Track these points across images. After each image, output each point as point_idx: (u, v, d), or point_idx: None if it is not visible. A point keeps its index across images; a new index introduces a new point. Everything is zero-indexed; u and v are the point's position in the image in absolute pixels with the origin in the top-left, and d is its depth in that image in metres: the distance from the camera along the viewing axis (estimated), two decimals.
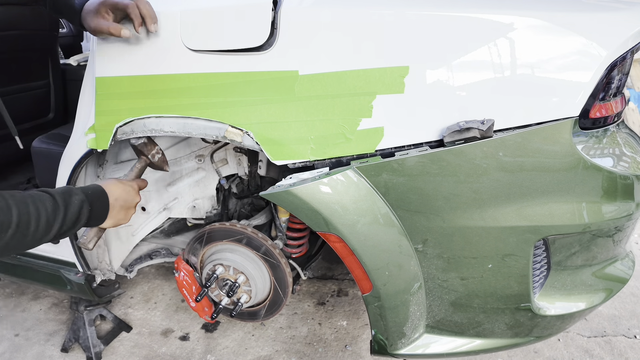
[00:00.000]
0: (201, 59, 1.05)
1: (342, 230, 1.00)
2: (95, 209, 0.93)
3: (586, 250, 1.10)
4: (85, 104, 1.19)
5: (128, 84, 1.11)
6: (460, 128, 0.93)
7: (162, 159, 1.23)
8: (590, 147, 1.00)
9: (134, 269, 1.65)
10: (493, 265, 1.03)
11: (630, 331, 1.81)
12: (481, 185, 0.97)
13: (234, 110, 1.05)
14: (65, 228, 0.84)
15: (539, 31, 0.93)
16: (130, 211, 1.05)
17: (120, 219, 1.02)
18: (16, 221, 0.73)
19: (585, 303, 1.15)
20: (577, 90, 0.93)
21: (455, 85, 0.95)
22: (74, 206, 0.86)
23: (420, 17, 0.95)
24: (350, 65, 0.97)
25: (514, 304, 1.08)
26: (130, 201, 1.04)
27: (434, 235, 1.03)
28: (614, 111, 1.03)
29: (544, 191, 0.97)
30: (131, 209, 1.05)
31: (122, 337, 1.84)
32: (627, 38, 0.94)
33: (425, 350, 1.15)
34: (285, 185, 1.00)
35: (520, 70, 0.93)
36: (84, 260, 1.48)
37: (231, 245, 1.39)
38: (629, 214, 1.05)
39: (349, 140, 1.01)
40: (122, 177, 1.20)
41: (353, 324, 1.88)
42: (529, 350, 1.70)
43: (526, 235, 1.00)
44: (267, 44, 1.01)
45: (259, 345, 1.78)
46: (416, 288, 1.09)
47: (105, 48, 1.12)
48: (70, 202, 0.86)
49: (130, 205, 1.04)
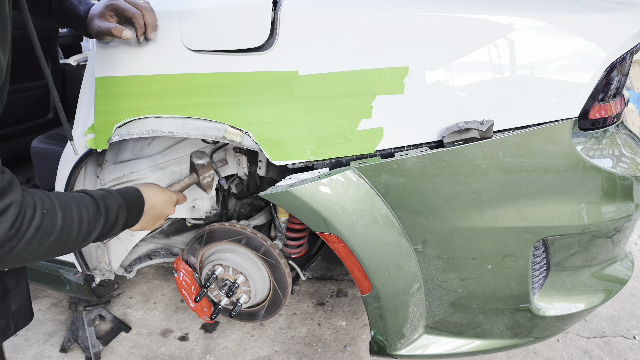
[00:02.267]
0: (201, 59, 1.05)
1: (342, 231, 1.00)
2: (131, 215, 0.88)
3: (585, 251, 1.10)
4: (85, 103, 1.19)
5: (127, 84, 1.11)
6: (459, 129, 0.93)
7: (209, 184, 1.25)
8: (589, 148, 1.00)
9: (133, 269, 1.64)
10: (492, 266, 1.03)
11: (629, 332, 1.81)
12: (480, 185, 0.97)
13: (234, 111, 1.05)
14: (102, 233, 0.80)
15: (539, 32, 0.93)
16: (160, 221, 1.00)
17: (147, 227, 0.97)
18: (60, 225, 0.68)
19: (584, 304, 1.15)
20: (577, 91, 0.94)
21: (455, 86, 0.95)
22: (113, 211, 0.81)
23: (420, 17, 0.95)
24: (350, 66, 0.97)
25: (513, 304, 1.08)
26: (164, 212, 0.99)
27: (434, 235, 1.03)
28: (613, 112, 1.03)
29: (543, 192, 0.97)
30: (161, 219, 1.00)
31: (121, 337, 1.84)
32: (627, 39, 0.94)
33: (424, 351, 1.15)
34: (284, 186, 1.00)
35: (519, 71, 0.93)
36: (83, 260, 1.48)
37: (230, 245, 1.39)
38: (628, 214, 1.05)
39: (348, 140, 1.01)
40: (167, 186, 1.17)
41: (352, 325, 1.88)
42: (528, 351, 1.70)
43: (525, 236, 1.00)
44: (266, 44, 1.01)
45: (258, 345, 1.77)
46: (415, 289, 1.09)
47: (105, 48, 1.11)
48: (110, 207, 0.81)
49: (162, 216, 0.99)
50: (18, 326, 1.01)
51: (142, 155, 1.39)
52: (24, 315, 1.02)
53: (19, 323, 1.01)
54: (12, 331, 0.99)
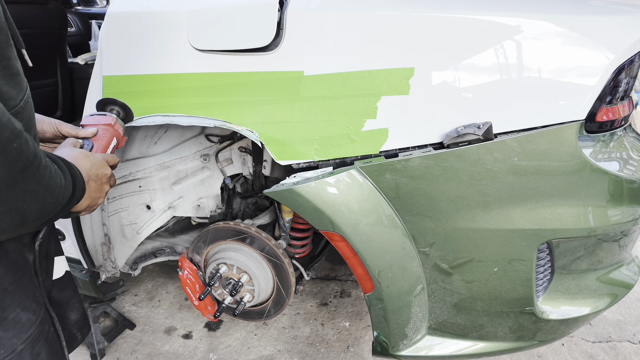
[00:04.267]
0: (207, 59, 1.05)
1: (345, 230, 1.00)
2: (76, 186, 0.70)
3: (591, 254, 1.09)
4: (93, 102, 1.20)
5: (135, 83, 1.11)
6: (458, 134, 0.93)
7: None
8: (596, 151, 1.00)
9: (138, 267, 1.66)
10: (499, 268, 1.03)
11: (635, 337, 1.79)
12: (484, 187, 0.96)
13: (240, 110, 1.06)
14: None
15: (546, 34, 0.93)
16: (105, 187, 0.81)
17: (96, 198, 0.78)
18: None
19: (589, 308, 1.14)
20: (584, 93, 0.93)
21: (461, 87, 0.94)
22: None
23: (427, 18, 0.95)
24: (356, 66, 0.98)
25: (517, 307, 1.08)
26: (103, 174, 0.79)
27: (438, 237, 1.03)
28: (620, 115, 1.02)
29: (548, 194, 0.97)
30: (107, 185, 0.82)
31: (125, 335, 1.85)
32: (635, 41, 0.93)
33: (428, 352, 1.15)
34: (288, 184, 1.01)
35: (525, 72, 0.93)
36: (89, 257, 1.49)
37: (235, 244, 1.40)
38: (635, 218, 1.04)
39: (353, 141, 1.01)
40: None
41: (355, 325, 1.88)
42: (533, 354, 1.69)
43: (530, 239, 1.00)
44: (272, 44, 1.01)
45: (262, 344, 1.78)
46: (419, 290, 1.09)
47: (113, 47, 1.12)
48: None
49: (104, 181, 0.80)
50: (83, 333, 1.00)
51: (148, 153, 1.40)
52: (85, 323, 1.02)
53: (84, 330, 1.00)
54: (79, 339, 0.99)
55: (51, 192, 0.60)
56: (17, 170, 0.52)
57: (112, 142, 0.95)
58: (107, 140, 0.93)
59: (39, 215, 0.60)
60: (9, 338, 0.70)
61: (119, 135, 0.96)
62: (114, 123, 0.95)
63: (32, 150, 0.55)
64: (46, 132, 0.87)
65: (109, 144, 0.94)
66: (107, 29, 1.12)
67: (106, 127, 0.94)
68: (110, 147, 0.94)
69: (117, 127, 0.96)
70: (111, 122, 0.95)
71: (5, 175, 0.51)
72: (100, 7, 4.53)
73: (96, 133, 0.91)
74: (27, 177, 0.55)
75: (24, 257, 0.75)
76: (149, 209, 1.51)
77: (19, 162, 0.52)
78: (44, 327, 0.77)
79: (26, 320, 0.73)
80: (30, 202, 0.57)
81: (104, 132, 0.93)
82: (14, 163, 0.52)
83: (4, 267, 0.69)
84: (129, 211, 1.48)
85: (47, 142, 0.89)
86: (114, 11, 1.11)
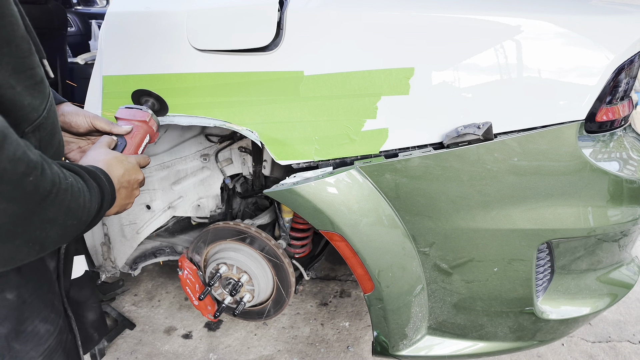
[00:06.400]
0: (207, 59, 1.05)
1: (345, 230, 1.00)
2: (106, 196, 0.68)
3: (591, 254, 1.09)
4: (93, 102, 1.20)
5: (135, 83, 1.11)
6: (458, 134, 0.93)
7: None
8: (596, 151, 1.00)
9: (138, 267, 1.66)
10: (499, 268, 1.03)
11: (635, 337, 1.79)
12: (484, 187, 0.96)
13: (239, 110, 1.06)
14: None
15: (546, 34, 0.93)
16: (135, 192, 0.81)
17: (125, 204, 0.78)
18: None
19: (589, 308, 1.14)
20: (584, 93, 0.93)
21: (461, 87, 0.94)
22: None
23: (427, 18, 0.95)
24: (356, 66, 0.98)
25: (517, 307, 1.08)
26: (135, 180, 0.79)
27: (438, 237, 1.03)
28: (620, 115, 1.02)
29: (548, 194, 0.97)
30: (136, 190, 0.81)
31: (125, 334, 1.85)
32: (635, 41, 0.93)
33: (428, 352, 1.15)
34: (288, 184, 1.01)
35: (526, 72, 0.93)
36: (89, 257, 1.49)
37: (235, 244, 1.40)
38: (635, 218, 1.04)
39: (353, 141, 1.01)
40: None
41: (355, 325, 1.88)
42: (533, 354, 1.69)
43: (529, 238, 1.00)
44: (272, 44, 1.01)
45: (261, 344, 1.78)
46: (419, 290, 1.09)
47: (113, 47, 1.13)
48: None
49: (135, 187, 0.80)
50: (101, 334, 0.99)
51: (148, 153, 1.40)
52: (102, 324, 1.00)
53: (101, 331, 0.99)
54: (96, 339, 0.98)
55: (73, 214, 0.56)
56: (34, 203, 0.49)
57: (145, 140, 0.92)
58: (140, 138, 0.90)
59: (59, 240, 0.56)
60: (26, 351, 0.68)
61: (152, 132, 0.94)
62: (149, 120, 0.92)
63: (49, 179, 0.51)
64: (80, 126, 0.84)
65: (142, 142, 0.91)
66: (107, 29, 1.12)
67: (140, 124, 0.91)
68: (143, 145, 0.92)
69: (151, 123, 0.93)
70: (146, 119, 0.92)
71: (21, 209, 0.48)
72: (100, 7, 4.53)
73: (130, 130, 0.88)
74: (46, 207, 0.51)
75: (44, 264, 0.72)
76: (148, 208, 1.51)
77: (37, 195, 0.49)
78: (62, 337, 0.75)
79: (45, 331, 0.70)
80: (50, 230, 0.53)
81: (137, 130, 0.90)
82: (31, 196, 0.49)
83: (24, 277, 0.66)
84: (128, 211, 1.48)
85: (82, 136, 0.87)
86: (114, 11, 1.11)
